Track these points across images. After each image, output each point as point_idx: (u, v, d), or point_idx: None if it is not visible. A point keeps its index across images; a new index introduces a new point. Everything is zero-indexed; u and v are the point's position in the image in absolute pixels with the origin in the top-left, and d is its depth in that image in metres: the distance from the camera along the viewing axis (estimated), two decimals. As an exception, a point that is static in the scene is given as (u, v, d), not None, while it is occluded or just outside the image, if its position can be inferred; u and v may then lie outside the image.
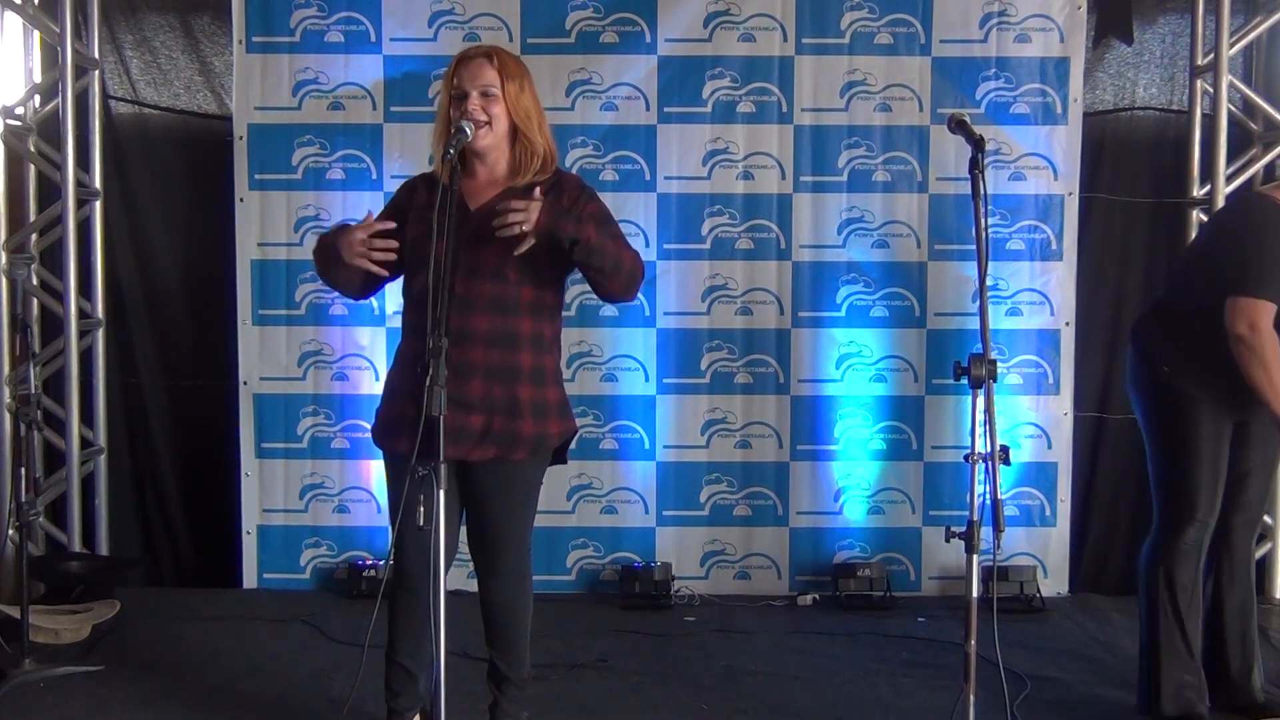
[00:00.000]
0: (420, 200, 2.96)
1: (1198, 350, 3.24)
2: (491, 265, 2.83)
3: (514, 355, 2.88)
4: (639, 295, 4.48)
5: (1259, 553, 4.67)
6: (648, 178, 4.55)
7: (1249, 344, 3.10)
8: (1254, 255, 3.14)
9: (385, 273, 2.85)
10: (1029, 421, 4.59)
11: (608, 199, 4.42)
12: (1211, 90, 4.51)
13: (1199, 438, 3.26)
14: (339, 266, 2.88)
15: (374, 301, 4.52)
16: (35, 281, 4.50)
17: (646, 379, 4.60)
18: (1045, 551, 4.61)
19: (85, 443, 4.64)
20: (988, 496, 2.60)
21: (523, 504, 2.99)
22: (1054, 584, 4.60)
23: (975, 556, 2.64)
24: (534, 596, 3.08)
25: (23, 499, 3.73)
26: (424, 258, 2.80)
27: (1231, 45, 4.50)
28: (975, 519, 2.62)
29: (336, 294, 4.49)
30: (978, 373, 2.61)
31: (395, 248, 2.79)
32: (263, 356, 4.59)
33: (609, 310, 4.52)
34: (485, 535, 2.97)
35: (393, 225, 2.82)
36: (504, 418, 2.87)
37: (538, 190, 2.78)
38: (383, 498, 4.59)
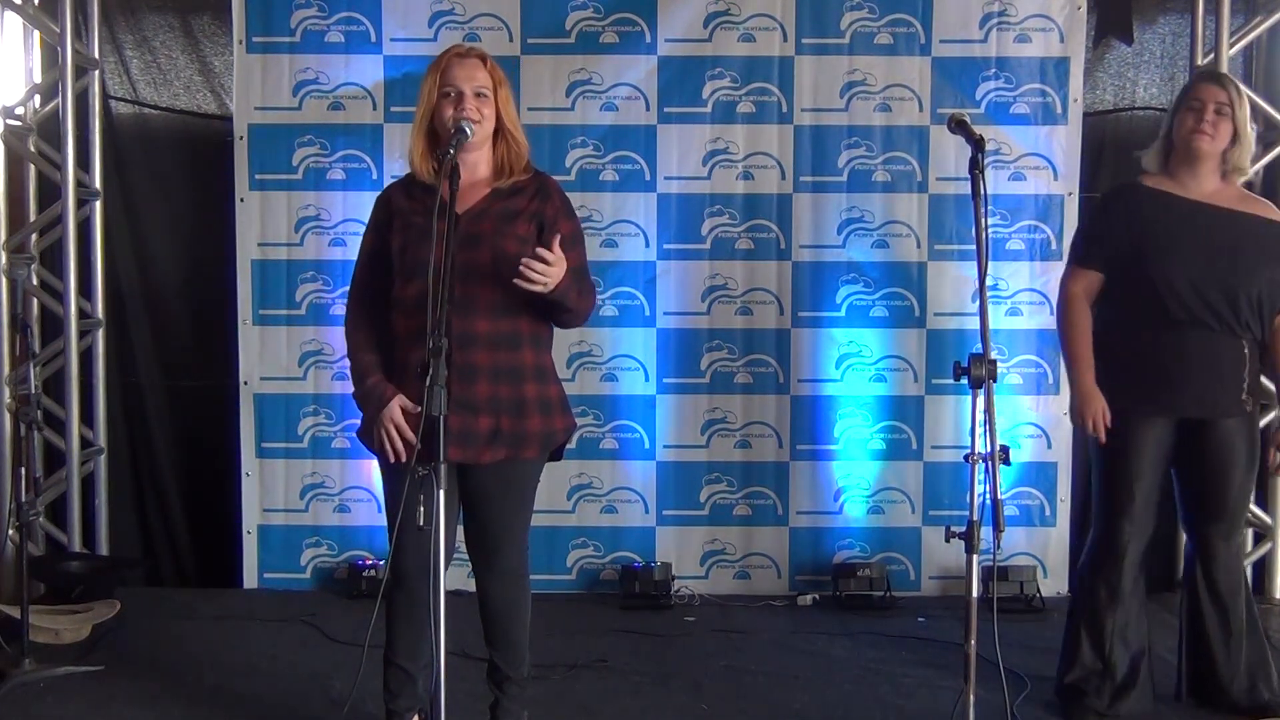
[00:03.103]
0: (401, 206, 2.93)
1: (1099, 341, 3.37)
2: (487, 268, 2.82)
3: (518, 354, 2.88)
4: (639, 295, 4.54)
5: (1259, 553, 4.68)
6: (648, 178, 4.55)
7: (1057, 303, 3.43)
8: (1081, 223, 3.49)
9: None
10: (1029, 421, 4.59)
11: (607, 199, 4.52)
12: (1211, 90, 4.51)
13: (1128, 445, 3.29)
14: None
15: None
16: (35, 281, 4.50)
17: (646, 379, 4.60)
18: (1045, 551, 4.62)
19: (85, 443, 4.64)
20: (988, 496, 2.60)
21: (524, 503, 3.00)
22: (1054, 584, 4.60)
23: (975, 556, 2.63)
24: (534, 596, 3.08)
25: (23, 499, 3.73)
26: (415, 264, 2.82)
27: (1231, 45, 4.50)
28: (975, 519, 2.62)
29: (337, 294, 4.56)
30: (978, 373, 2.61)
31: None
32: (263, 356, 4.59)
33: (609, 310, 4.52)
34: (486, 535, 2.97)
35: (412, 438, 2.78)
36: (511, 417, 2.87)
37: (556, 245, 2.76)
38: (384, 497, 4.60)
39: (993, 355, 2.65)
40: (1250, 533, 4.72)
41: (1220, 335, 3.22)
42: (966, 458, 2.65)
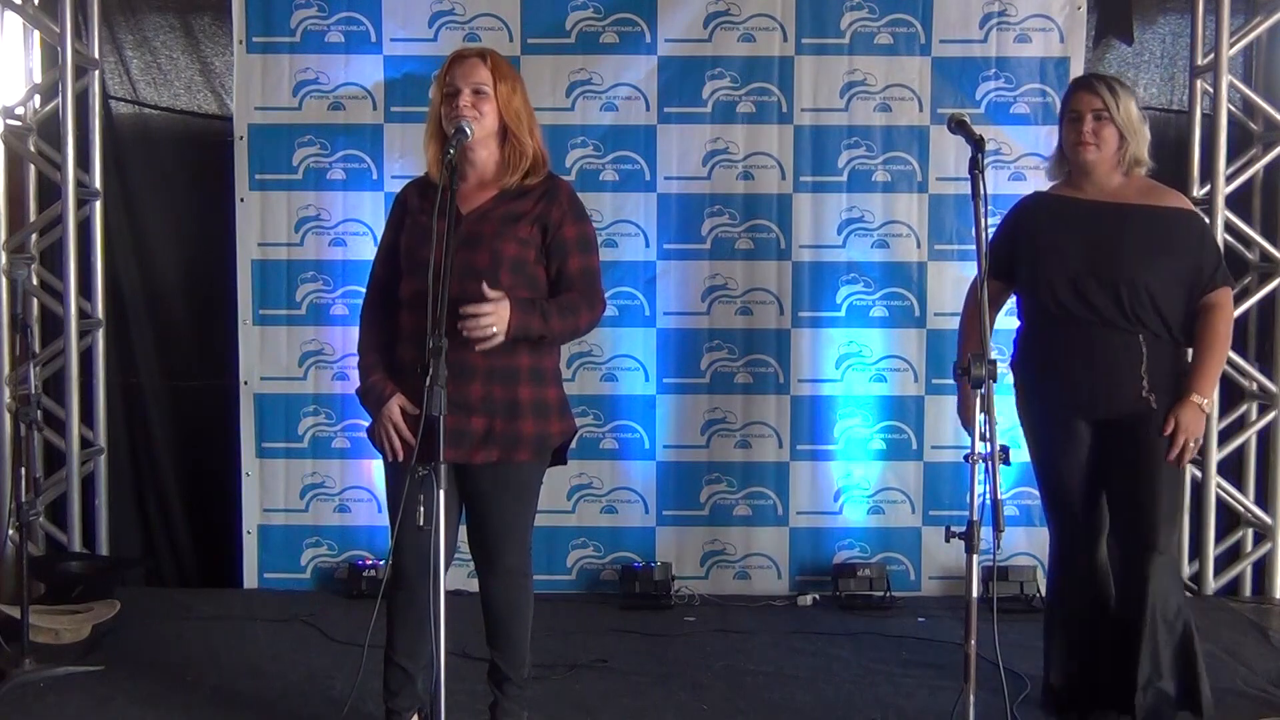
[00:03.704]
0: (413, 205, 2.97)
1: (1018, 347, 3.44)
2: (485, 270, 2.82)
3: (513, 357, 2.88)
4: (639, 295, 4.54)
5: (1259, 553, 4.68)
6: (648, 178, 4.55)
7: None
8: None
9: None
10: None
11: (607, 199, 4.51)
12: (1211, 90, 4.51)
13: (1053, 446, 3.29)
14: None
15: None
16: (35, 281, 4.49)
17: (646, 379, 4.60)
18: (1045, 551, 4.59)
19: (85, 443, 4.64)
20: (988, 496, 2.60)
21: (523, 504, 2.99)
22: (1054, 584, 4.60)
23: (975, 556, 2.63)
24: (534, 596, 3.08)
25: (23, 499, 3.73)
26: (416, 262, 2.83)
27: (1231, 45, 4.50)
28: (975, 519, 2.62)
29: (337, 294, 4.56)
30: (978, 373, 2.61)
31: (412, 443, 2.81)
32: (263, 356, 4.59)
33: (610, 310, 4.49)
34: (486, 536, 2.97)
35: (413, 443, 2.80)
36: (504, 419, 2.87)
37: (486, 288, 2.76)
38: (384, 497, 4.59)
39: (993, 355, 2.65)
40: (1250, 532, 4.73)
41: (1107, 330, 3.15)
42: (966, 458, 2.65)
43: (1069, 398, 3.25)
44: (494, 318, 2.76)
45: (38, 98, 4.68)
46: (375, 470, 4.57)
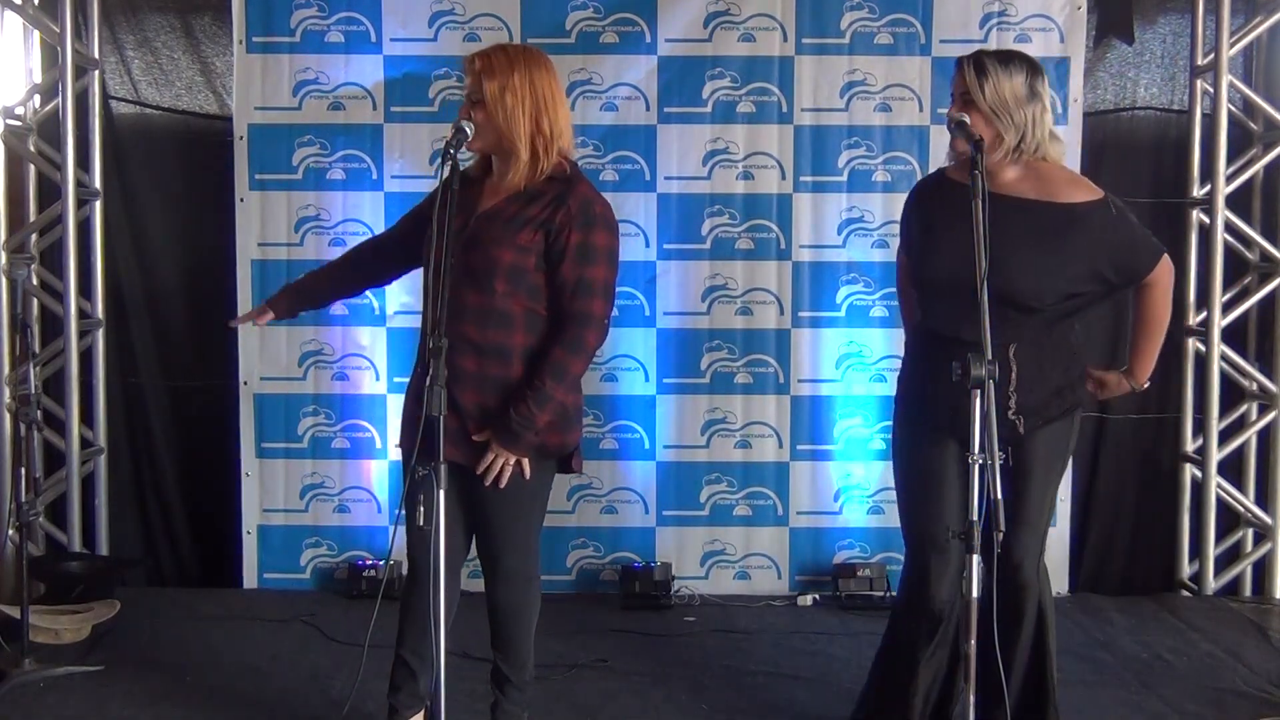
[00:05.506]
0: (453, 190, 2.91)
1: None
2: (480, 274, 2.80)
3: (507, 369, 2.83)
4: (639, 295, 4.54)
5: (1259, 553, 4.68)
6: (648, 178, 4.55)
7: None
8: None
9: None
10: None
11: (607, 199, 4.48)
12: (1211, 90, 4.52)
13: (898, 451, 3.13)
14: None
15: (374, 301, 4.54)
16: (35, 281, 4.50)
17: (646, 379, 4.60)
18: (1045, 551, 4.60)
19: (85, 443, 4.64)
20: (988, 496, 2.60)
21: (523, 509, 2.95)
22: (1054, 584, 4.55)
23: (975, 556, 2.63)
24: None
25: (23, 499, 3.73)
26: (425, 258, 2.82)
27: (1231, 45, 4.50)
28: (975, 519, 2.62)
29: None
30: (978, 373, 2.60)
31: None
32: (263, 356, 4.59)
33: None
34: (487, 539, 2.97)
35: None
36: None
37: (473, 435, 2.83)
38: (383, 497, 4.60)
39: (992, 356, 2.64)
40: (1250, 532, 4.73)
41: (970, 345, 2.64)
42: (966, 458, 2.65)
43: (930, 417, 2.99)
44: (499, 460, 2.80)
45: (38, 98, 4.68)
46: (375, 471, 4.58)
